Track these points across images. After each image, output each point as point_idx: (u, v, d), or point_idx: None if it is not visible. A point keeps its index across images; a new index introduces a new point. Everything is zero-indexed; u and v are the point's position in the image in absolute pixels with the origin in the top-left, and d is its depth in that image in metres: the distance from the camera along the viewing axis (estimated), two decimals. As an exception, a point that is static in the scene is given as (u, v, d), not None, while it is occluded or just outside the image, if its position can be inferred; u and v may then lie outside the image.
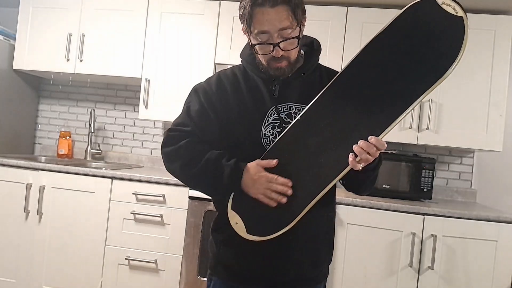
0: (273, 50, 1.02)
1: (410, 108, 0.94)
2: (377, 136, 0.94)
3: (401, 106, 0.94)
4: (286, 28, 1.00)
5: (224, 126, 1.09)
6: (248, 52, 1.15)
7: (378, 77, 0.97)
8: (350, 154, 0.94)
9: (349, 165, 0.95)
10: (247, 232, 1.05)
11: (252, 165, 1.03)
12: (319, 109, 1.01)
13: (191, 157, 1.05)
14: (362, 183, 1.11)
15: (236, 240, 1.08)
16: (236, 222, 1.06)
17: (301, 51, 1.15)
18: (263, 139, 1.07)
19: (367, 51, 0.98)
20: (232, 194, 1.07)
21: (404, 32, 0.94)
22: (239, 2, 1.06)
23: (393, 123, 0.94)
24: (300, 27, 1.04)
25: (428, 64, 0.93)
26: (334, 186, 1.16)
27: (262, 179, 1.01)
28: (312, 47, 1.16)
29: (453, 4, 0.89)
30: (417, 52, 0.93)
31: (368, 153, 0.93)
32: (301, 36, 1.06)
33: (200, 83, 1.19)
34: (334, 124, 0.99)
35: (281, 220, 1.03)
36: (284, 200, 1.01)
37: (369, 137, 0.93)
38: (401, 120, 0.95)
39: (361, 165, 0.95)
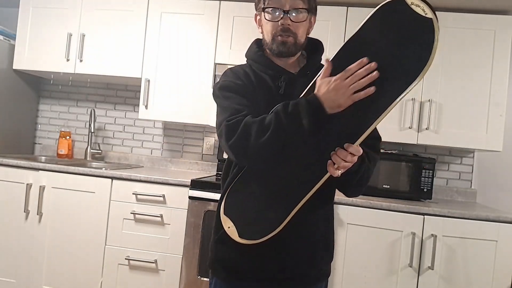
0: (282, 18, 1.05)
1: (383, 115, 0.91)
2: (353, 143, 0.93)
3: (374, 113, 0.91)
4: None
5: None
6: (255, 50, 1.17)
7: None
8: (329, 161, 0.95)
9: (327, 172, 0.96)
10: (239, 237, 1.06)
11: (319, 85, 0.95)
12: None
13: (260, 122, 0.96)
14: (348, 185, 1.11)
15: (229, 239, 1.08)
16: (229, 226, 1.07)
17: (303, 51, 1.17)
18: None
19: (340, 55, 0.95)
20: (225, 197, 1.07)
21: (375, 34, 0.90)
22: (239, 2, 1.07)
23: (367, 131, 0.93)
24: (310, 14, 1.09)
25: (398, 69, 0.88)
26: (333, 189, 1.17)
27: (338, 82, 0.91)
28: (315, 47, 1.18)
29: (422, 4, 0.86)
30: (387, 56, 0.89)
31: (344, 160, 0.93)
32: (312, 25, 1.12)
33: (217, 84, 1.14)
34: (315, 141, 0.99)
35: (270, 223, 1.04)
36: (376, 75, 0.89)
37: (345, 145, 0.93)
38: (374, 127, 0.93)
39: (339, 171, 0.95)
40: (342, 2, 2.34)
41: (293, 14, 1.06)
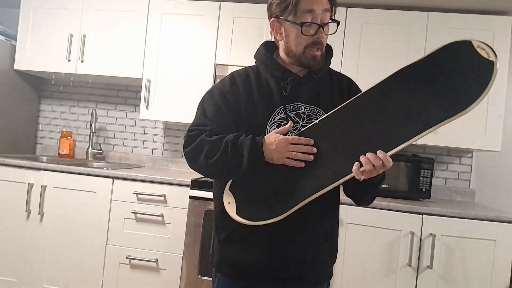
0: (316, 32, 1.06)
1: (423, 134, 0.96)
2: (386, 153, 0.96)
3: (415, 131, 0.97)
4: (328, 10, 1.07)
5: (237, 122, 1.11)
6: (263, 52, 1.18)
7: (401, 101, 1.00)
8: (356, 163, 0.96)
9: (352, 172, 0.97)
10: (236, 213, 1.06)
11: (270, 134, 1.05)
12: (339, 117, 1.04)
13: (211, 145, 1.06)
14: (362, 195, 1.13)
15: (238, 237, 1.10)
16: (229, 201, 1.08)
17: None
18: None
19: (399, 75, 1.01)
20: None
21: (437, 65, 0.99)
22: (239, 3, 1.08)
23: (404, 144, 0.97)
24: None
25: (450, 98, 0.96)
26: (339, 191, 1.17)
27: (282, 142, 1.02)
28: (325, 51, 1.18)
29: (487, 49, 0.96)
30: (443, 85, 0.97)
31: (373, 166, 0.94)
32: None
33: (213, 85, 1.21)
34: (349, 134, 1.02)
35: (272, 210, 1.04)
36: (311, 158, 1.02)
37: (378, 151, 0.95)
38: (411, 143, 0.98)
39: (363, 176, 0.96)
40: (342, 2, 2.34)
41: (326, 26, 1.08)
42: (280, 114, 1.10)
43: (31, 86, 2.91)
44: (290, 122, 1.05)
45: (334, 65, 2.25)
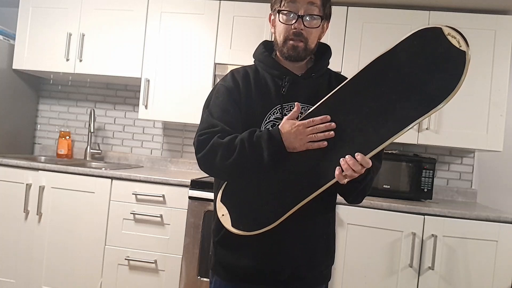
0: (295, 21, 1.06)
1: (401, 133, 0.93)
2: (365, 155, 0.94)
3: (392, 129, 0.94)
4: (314, 4, 1.07)
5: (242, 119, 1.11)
6: (261, 51, 1.19)
7: (374, 98, 0.97)
8: (337, 167, 0.95)
9: (334, 177, 0.97)
10: (231, 226, 1.05)
11: (283, 122, 1.02)
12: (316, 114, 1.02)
13: (226, 146, 1.02)
14: (350, 193, 1.12)
15: (230, 240, 1.09)
16: (223, 214, 1.06)
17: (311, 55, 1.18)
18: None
19: (368, 69, 0.97)
20: (224, 185, 1.07)
21: (406, 56, 0.94)
22: (239, 2, 1.08)
23: (382, 145, 0.95)
24: (324, 21, 1.11)
25: (424, 93, 0.92)
26: (335, 193, 1.16)
27: (300, 127, 0.99)
28: (323, 50, 1.19)
29: (458, 36, 0.88)
30: (415, 78, 0.93)
31: (353, 170, 0.94)
32: (324, 31, 1.14)
33: (215, 85, 1.20)
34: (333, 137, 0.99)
35: (266, 218, 1.04)
36: (332, 134, 0.98)
37: (356, 154, 0.94)
38: (389, 143, 0.95)
39: (346, 179, 0.96)
40: (342, 2, 2.34)
41: (307, 19, 1.07)
42: (276, 113, 1.09)
43: (30, 85, 2.89)
44: (297, 104, 1.01)
45: (335, 64, 2.26)
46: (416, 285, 1.95)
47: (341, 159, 0.95)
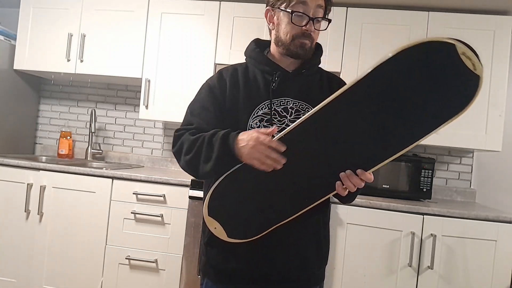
0: (307, 24, 1.08)
1: (403, 151, 0.90)
2: (366, 171, 0.94)
3: (395, 147, 0.90)
4: (321, 7, 1.09)
5: (223, 116, 1.12)
6: (252, 48, 1.20)
7: (377, 111, 0.89)
8: (338, 182, 0.96)
9: (335, 190, 0.97)
10: (228, 236, 1.05)
11: (249, 130, 1.02)
12: (314, 127, 0.94)
13: (191, 142, 1.05)
14: (345, 199, 1.11)
15: (218, 241, 1.08)
16: (215, 227, 1.05)
17: None
18: (249, 130, 1.07)
19: (367, 80, 0.86)
20: (208, 199, 1.03)
21: (410, 67, 0.84)
22: (239, 3, 1.08)
23: (383, 163, 0.92)
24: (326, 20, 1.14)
25: (429, 111, 0.86)
26: None
27: (253, 139, 0.94)
28: (315, 48, 1.19)
29: (474, 59, 0.79)
30: (421, 94, 0.85)
31: (354, 185, 0.95)
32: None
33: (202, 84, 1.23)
34: (327, 150, 0.95)
35: (261, 224, 1.04)
36: (278, 167, 0.95)
37: (358, 171, 0.93)
38: (390, 161, 0.92)
39: (346, 191, 0.97)
40: (342, 2, 2.34)
41: (318, 21, 1.10)
42: (264, 109, 1.10)
43: (31, 86, 2.90)
44: (274, 127, 0.97)
45: (334, 65, 2.28)
46: (415, 285, 1.96)
47: (341, 173, 0.94)
